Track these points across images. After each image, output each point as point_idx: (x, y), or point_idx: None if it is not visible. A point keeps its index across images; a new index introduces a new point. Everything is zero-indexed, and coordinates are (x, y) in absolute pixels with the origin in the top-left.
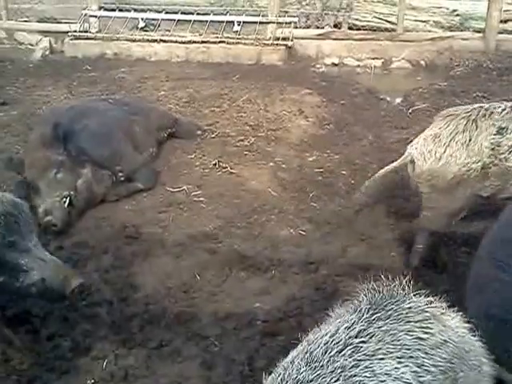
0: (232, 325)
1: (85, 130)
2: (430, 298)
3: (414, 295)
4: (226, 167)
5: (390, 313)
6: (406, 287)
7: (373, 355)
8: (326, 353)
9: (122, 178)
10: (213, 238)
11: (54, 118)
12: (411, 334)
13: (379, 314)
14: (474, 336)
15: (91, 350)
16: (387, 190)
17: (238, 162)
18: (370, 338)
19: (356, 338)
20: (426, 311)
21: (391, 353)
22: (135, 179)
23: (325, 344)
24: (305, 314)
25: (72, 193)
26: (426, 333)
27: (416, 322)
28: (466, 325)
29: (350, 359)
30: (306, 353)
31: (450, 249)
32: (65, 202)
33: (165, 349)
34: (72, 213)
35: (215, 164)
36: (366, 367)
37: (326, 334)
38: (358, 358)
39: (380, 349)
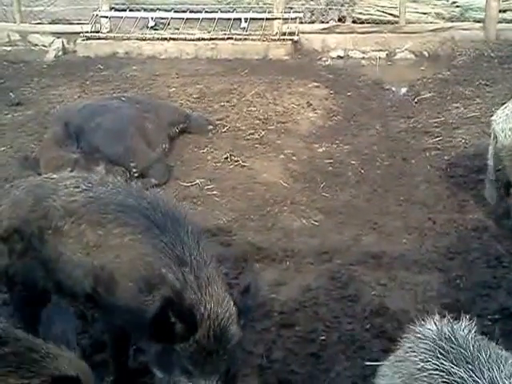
0: (248, 317)
1: (98, 127)
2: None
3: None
4: (238, 160)
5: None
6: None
7: None
8: None
9: (136, 174)
10: (227, 231)
11: (68, 117)
12: None
13: (476, 364)
14: None
15: None
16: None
17: (249, 155)
18: None
19: None
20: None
21: None
22: (149, 175)
23: None
24: (321, 303)
25: None
26: None
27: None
28: None
29: None
30: None
31: (461, 235)
32: None
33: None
34: None
35: (227, 158)
36: None
37: None
38: None
39: None
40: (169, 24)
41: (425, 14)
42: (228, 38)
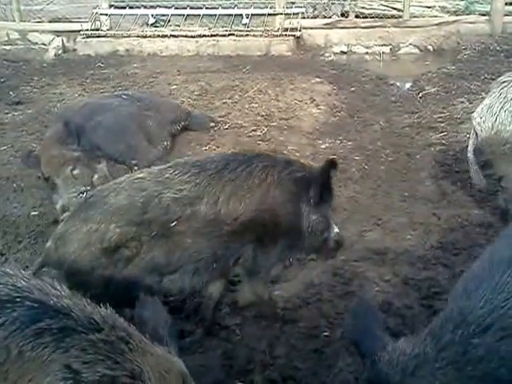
0: (252, 313)
1: (99, 125)
2: None
3: None
4: None
5: None
6: None
7: None
8: None
9: None
10: None
11: (69, 116)
12: None
13: None
14: None
15: None
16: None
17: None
18: None
19: None
20: None
21: None
22: None
23: None
24: (324, 299)
25: (89, 188)
26: None
27: None
28: None
29: None
30: None
31: (466, 230)
32: (82, 197)
33: (185, 340)
34: None
35: None
36: None
37: None
38: None
39: None
40: (169, 21)
41: (429, 7)
42: (229, 35)
